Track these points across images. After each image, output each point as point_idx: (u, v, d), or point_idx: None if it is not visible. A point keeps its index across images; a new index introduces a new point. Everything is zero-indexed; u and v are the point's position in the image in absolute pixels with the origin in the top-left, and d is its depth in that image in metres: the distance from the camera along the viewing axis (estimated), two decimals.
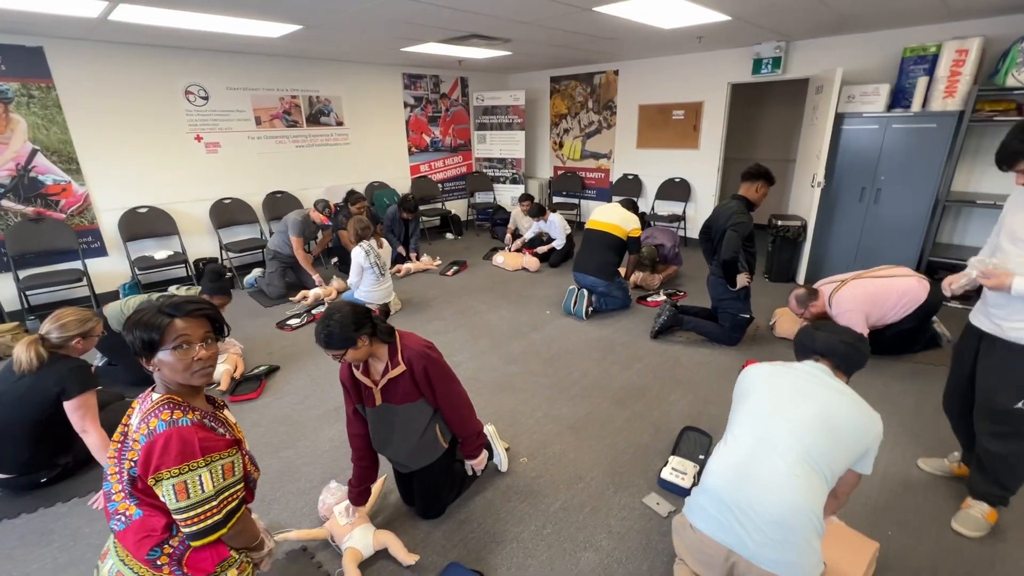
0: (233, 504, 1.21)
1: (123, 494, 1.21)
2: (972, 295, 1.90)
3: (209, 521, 1.16)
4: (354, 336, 1.58)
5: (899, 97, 4.10)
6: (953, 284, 1.79)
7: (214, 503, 1.16)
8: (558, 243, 5.44)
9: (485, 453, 2.02)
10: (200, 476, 1.14)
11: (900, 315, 3.03)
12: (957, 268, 4.25)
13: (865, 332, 3.00)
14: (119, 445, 1.27)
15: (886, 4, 3.32)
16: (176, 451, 1.11)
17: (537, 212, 5.38)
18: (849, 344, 1.50)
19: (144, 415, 1.18)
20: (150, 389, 1.27)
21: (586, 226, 4.17)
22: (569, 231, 5.49)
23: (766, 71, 5.00)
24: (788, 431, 1.36)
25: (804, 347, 1.58)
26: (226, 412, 1.42)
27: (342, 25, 3.75)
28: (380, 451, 1.85)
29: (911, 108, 3.98)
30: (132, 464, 1.14)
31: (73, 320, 2.19)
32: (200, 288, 3.06)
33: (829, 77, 4.19)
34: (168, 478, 1.11)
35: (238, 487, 1.24)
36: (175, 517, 1.16)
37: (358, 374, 1.73)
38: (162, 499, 1.14)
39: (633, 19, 3.68)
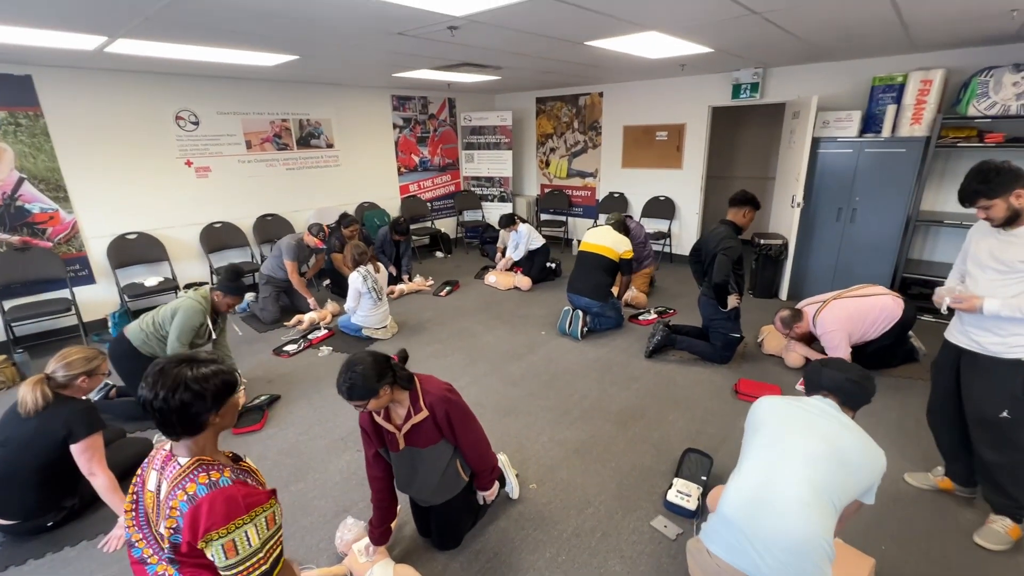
0: (277, 551, 1.25)
1: (157, 557, 1.24)
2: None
3: (256, 573, 1.19)
4: (376, 387, 1.61)
5: (870, 123, 4.34)
6: (943, 302, 1.96)
7: (260, 555, 1.19)
8: (516, 254, 5.50)
9: (497, 484, 2.07)
10: (247, 532, 1.17)
11: (879, 332, 3.21)
12: (929, 284, 4.49)
13: (848, 350, 3.17)
14: (132, 511, 1.29)
15: (855, 36, 3.53)
16: (223, 511, 1.14)
17: (506, 223, 5.49)
18: (855, 382, 1.60)
19: (176, 481, 1.19)
20: (168, 453, 1.26)
21: (579, 248, 4.28)
22: (541, 243, 5.51)
23: (745, 96, 5.23)
24: (801, 463, 1.45)
25: (812, 383, 1.69)
26: (248, 461, 1.44)
27: (337, 55, 3.81)
28: (403, 490, 1.89)
29: (881, 133, 4.22)
30: (173, 532, 1.16)
31: (79, 358, 2.17)
32: (215, 285, 3.09)
33: (805, 103, 4.42)
34: (217, 539, 1.13)
35: (279, 534, 1.27)
36: (223, 573, 1.18)
37: (379, 420, 1.77)
38: (210, 559, 1.16)
39: (622, 51, 3.83)
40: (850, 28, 3.24)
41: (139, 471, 1.31)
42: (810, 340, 3.50)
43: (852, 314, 3.19)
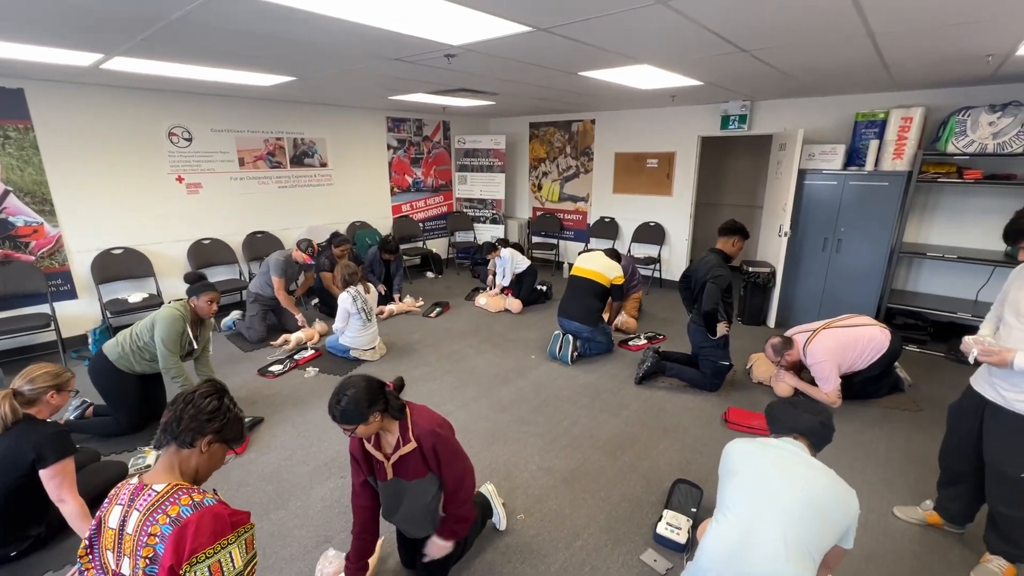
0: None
1: None
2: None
3: None
4: (367, 412, 1.58)
5: (854, 156, 4.47)
6: (970, 353, 1.85)
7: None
8: (504, 280, 5.51)
9: (450, 545, 1.85)
10: (231, 553, 1.17)
11: (868, 362, 3.23)
12: (913, 314, 4.54)
13: (838, 381, 3.19)
14: (88, 556, 1.25)
15: (839, 74, 3.65)
16: (210, 530, 1.14)
17: (488, 250, 5.52)
18: (826, 426, 1.65)
19: (154, 507, 1.17)
20: (139, 484, 1.24)
21: (571, 273, 4.30)
22: (527, 265, 5.49)
23: (733, 127, 5.36)
24: (779, 515, 1.42)
25: (784, 425, 1.67)
26: (219, 495, 1.42)
27: (334, 77, 3.85)
28: (387, 518, 1.84)
29: (865, 167, 4.34)
30: (149, 562, 1.11)
31: (44, 373, 2.10)
32: (188, 294, 3.05)
33: (792, 135, 4.54)
34: (204, 560, 1.12)
35: (256, 561, 1.27)
36: None
37: (369, 447, 1.73)
38: None
39: (614, 82, 3.92)
40: (835, 67, 3.35)
41: (98, 511, 1.27)
42: (799, 368, 3.52)
43: (843, 344, 3.21)
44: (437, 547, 1.82)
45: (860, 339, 3.22)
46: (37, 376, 2.08)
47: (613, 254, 4.27)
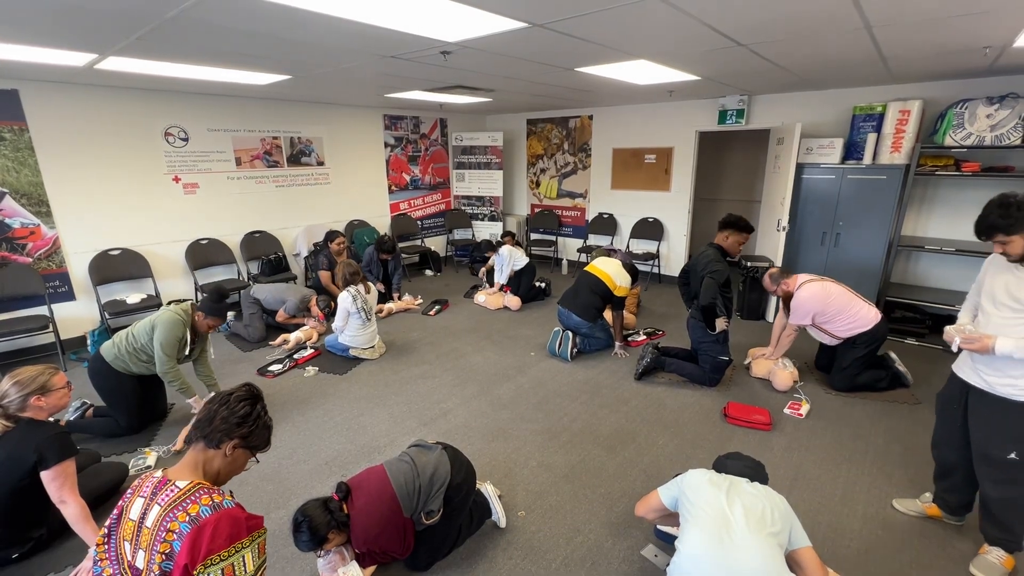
0: None
1: None
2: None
3: None
4: (325, 533, 1.78)
5: (852, 150, 4.46)
6: (953, 342, 1.93)
7: None
8: (502, 277, 5.49)
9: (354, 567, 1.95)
10: (244, 557, 1.18)
11: (844, 329, 3.33)
12: (912, 307, 4.53)
13: (805, 323, 3.41)
14: (104, 544, 1.25)
15: (836, 67, 3.64)
16: (226, 533, 1.15)
17: (487, 248, 5.52)
18: (753, 468, 1.79)
19: (175, 503, 1.18)
20: (162, 479, 1.26)
21: (584, 268, 4.28)
22: (525, 262, 5.44)
23: (731, 121, 5.35)
24: (745, 515, 1.58)
25: (723, 469, 1.86)
26: (234, 498, 1.44)
27: (330, 75, 3.83)
28: None
29: (863, 161, 4.33)
30: (165, 558, 1.12)
31: (15, 384, 2.03)
32: (199, 305, 3.04)
33: (789, 129, 4.53)
34: (219, 562, 1.13)
35: (265, 565, 1.28)
36: None
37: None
38: None
39: (612, 77, 3.91)
40: (832, 60, 3.34)
41: (120, 501, 1.28)
42: (786, 302, 3.59)
43: (829, 295, 3.33)
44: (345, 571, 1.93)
45: (851, 304, 3.32)
46: (8, 389, 2.02)
47: (631, 269, 4.21)
